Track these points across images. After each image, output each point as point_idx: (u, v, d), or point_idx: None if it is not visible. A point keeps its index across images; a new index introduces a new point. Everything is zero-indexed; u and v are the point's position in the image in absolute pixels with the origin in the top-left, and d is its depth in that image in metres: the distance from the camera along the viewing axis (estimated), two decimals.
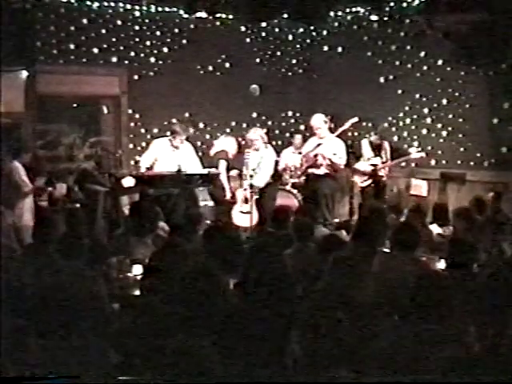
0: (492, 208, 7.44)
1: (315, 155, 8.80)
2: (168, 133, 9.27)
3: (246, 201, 8.68)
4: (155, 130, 10.24)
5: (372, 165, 9.14)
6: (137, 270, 5.26)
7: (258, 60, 11.13)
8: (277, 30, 11.21)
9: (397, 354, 3.42)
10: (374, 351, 3.55)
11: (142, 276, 4.96)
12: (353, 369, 3.18)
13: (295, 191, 9.22)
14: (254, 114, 11.08)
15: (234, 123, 10.86)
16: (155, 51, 10.41)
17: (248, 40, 11.08)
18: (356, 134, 9.97)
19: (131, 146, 10.33)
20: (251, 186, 8.63)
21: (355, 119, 9.18)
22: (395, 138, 9.95)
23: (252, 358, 3.50)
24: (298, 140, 10.03)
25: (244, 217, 8.54)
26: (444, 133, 9.45)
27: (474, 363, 3.12)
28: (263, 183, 8.80)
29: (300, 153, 9.29)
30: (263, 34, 11.16)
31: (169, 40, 10.49)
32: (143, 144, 10.11)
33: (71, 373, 2.99)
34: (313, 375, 3.05)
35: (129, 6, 10.10)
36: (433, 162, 9.58)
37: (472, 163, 9.11)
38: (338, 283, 4.04)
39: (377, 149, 9.25)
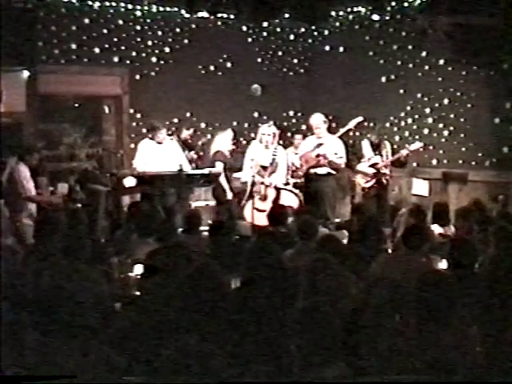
0: (500, 210, 7.42)
1: (317, 155, 8.78)
2: (169, 132, 9.28)
3: (264, 198, 8.60)
4: None
5: (374, 164, 9.08)
6: (138, 269, 5.26)
7: (259, 60, 11.13)
8: (278, 29, 11.21)
9: (397, 353, 3.42)
10: (375, 351, 3.55)
11: (142, 276, 4.95)
12: (353, 368, 3.18)
13: (297, 191, 9.21)
14: (256, 114, 11.08)
15: (235, 123, 10.86)
16: (156, 51, 10.42)
17: (249, 40, 11.08)
18: (357, 133, 9.95)
19: (132, 145, 10.31)
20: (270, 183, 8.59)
21: (360, 119, 9.11)
22: (397, 138, 9.94)
23: (253, 357, 3.49)
24: (298, 140, 10.02)
25: (259, 215, 8.29)
26: (445, 132, 9.44)
27: (474, 363, 3.12)
28: (281, 182, 8.75)
29: (300, 152, 9.21)
30: (264, 34, 11.16)
31: (170, 40, 10.50)
32: None
33: (71, 373, 2.98)
34: (313, 374, 3.05)
35: (130, 6, 10.11)
36: (434, 162, 9.57)
37: (473, 163, 9.10)
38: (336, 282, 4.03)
39: (377, 148, 9.19)
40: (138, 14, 10.22)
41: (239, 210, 8.74)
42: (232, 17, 10.56)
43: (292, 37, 11.35)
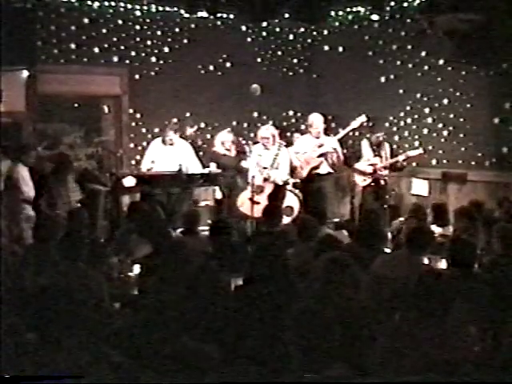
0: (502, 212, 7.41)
1: (319, 155, 8.79)
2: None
3: (259, 191, 8.52)
4: (156, 130, 10.23)
5: (371, 165, 9.08)
6: (138, 269, 5.26)
7: (258, 59, 11.12)
8: (278, 29, 11.20)
9: (397, 354, 3.42)
10: (375, 351, 3.55)
11: (141, 276, 4.96)
12: (353, 368, 3.18)
13: (297, 191, 9.20)
14: (255, 114, 11.08)
15: (234, 123, 10.85)
16: (156, 51, 10.42)
17: (249, 39, 11.08)
18: (356, 133, 9.93)
19: (132, 145, 10.34)
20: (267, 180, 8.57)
21: (363, 118, 9.09)
22: (396, 138, 9.94)
23: (253, 357, 3.49)
24: (297, 139, 10.01)
25: (250, 205, 8.21)
26: (445, 132, 9.43)
27: (474, 363, 3.11)
28: (282, 179, 8.71)
29: (297, 152, 9.19)
30: (264, 34, 11.16)
31: (170, 40, 10.49)
32: (144, 144, 10.10)
33: (71, 373, 2.98)
34: (312, 374, 3.05)
35: (129, 6, 10.11)
36: (434, 162, 9.57)
37: (473, 163, 9.09)
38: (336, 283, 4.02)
39: (377, 149, 9.18)
40: (138, 13, 10.22)
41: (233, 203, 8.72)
42: (231, 17, 10.57)
43: (291, 37, 11.34)
